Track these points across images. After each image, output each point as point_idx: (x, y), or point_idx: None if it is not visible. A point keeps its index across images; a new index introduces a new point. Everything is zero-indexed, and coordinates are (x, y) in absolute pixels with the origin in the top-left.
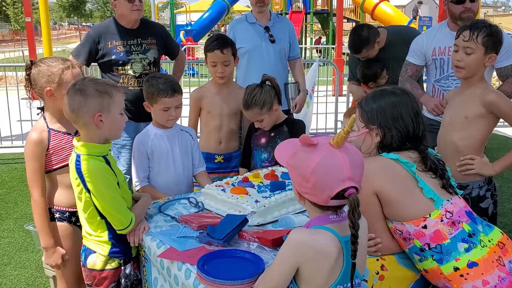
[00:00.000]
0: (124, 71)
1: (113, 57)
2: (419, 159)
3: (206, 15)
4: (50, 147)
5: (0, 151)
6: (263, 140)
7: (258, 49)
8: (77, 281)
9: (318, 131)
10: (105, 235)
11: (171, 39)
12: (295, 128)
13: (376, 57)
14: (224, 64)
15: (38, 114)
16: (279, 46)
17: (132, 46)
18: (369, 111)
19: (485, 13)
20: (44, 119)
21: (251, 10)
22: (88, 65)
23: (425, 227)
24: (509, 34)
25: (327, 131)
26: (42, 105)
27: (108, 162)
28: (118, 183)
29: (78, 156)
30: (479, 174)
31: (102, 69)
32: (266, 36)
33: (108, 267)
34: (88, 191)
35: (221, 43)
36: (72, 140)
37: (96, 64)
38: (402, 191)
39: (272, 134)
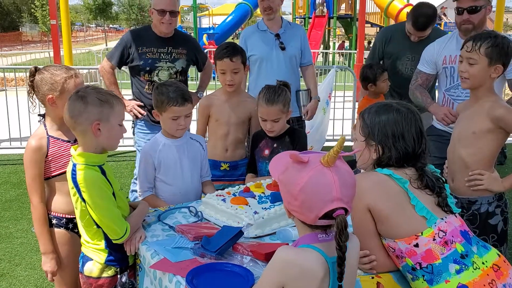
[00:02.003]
0: (150, 78)
1: (141, 62)
2: (416, 176)
3: (229, 18)
4: (49, 154)
5: (20, 151)
6: (266, 152)
7: (269, 56)
8: (74, 287)
9: (335, 137)
10: (101, 243)
11: (201, 51)
12: (296, 138)
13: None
14: (233, 72)
15: (39, 121)
16: (289, 53)
17: (162, 54)
18: (371, 126)
19: (507, 18)
20: (45, 126)
21: (262, 18)
22: (120, 67)
23: (417, 245)
24: None
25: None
26: (43, 112)
27: (103, 172)
28: (114, 193)
29: (74, 165)
30: (488, 190)
31: (131, 73)
32: (277, 43)
33: (105, 275)
34: (84, 200)
35: (231, 51)
36: (71, 147)
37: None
38: (395, 208)
39: (275, 145)
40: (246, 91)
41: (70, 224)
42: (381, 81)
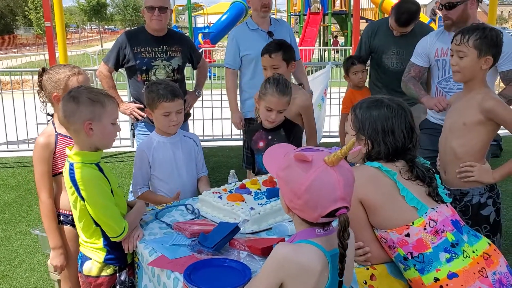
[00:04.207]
0: (147, 78)
1: (137, 62)
2: (407, 168)
3: (224, 17)
4: (56, 151)
5: (18, 154)
6: (261, 144)
7: None
8: (79, 284)
9: (332, 133)
10: (100, 242)
11: (195, 49)
12: (292, 133)
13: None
14: (273, 68)
15: (49, 121)
16: None
17: (157, 53)
18: (362, 120)
19: (509, 11)
20: (53, 124)
21: (251, 16)
22: (116, 69)
23: (408, 235)
24: (509, 32)
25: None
26: (52, 112)
27: (101, 170)
28: (112, 191)
29: (71, 164)
30: (479, 182)
31: (128, 74)
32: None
33: (104, 273)
34: (83, 199)
35: (272, 48)
36: (66, 147)
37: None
38: (386, 199)
39: (270, 137)
40: (239, 90)
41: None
42: (351, 73)
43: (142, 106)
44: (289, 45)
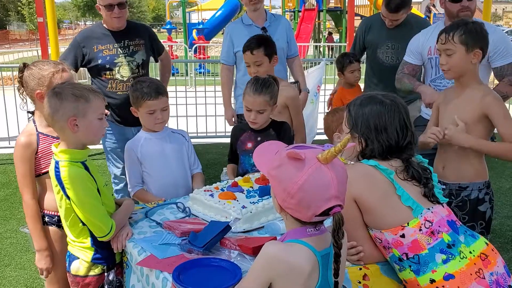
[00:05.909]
0: (111, 76)
1: (99, 61)
2: (402, 168)
3: (218, 13)
4: (39, 151)
5: (9, 151)
6: (249, 145)
7: None
8: (66, 285)
9: None
10: (87, 241)
11: (157, 39)
12: (281, 130)
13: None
14: (256, 64)
15: (29, 118)
16: (277, 47)
17: (119, 49)
18: (355, 118)
19: (503, 9)
20: (34, 122)
21: (246, 11)
22: (76, 70)
23: (403, 236)
24: (503, 29)
25: None
26: (33, 110)
27: (87, 168)
28: (98, 190)
29: (56, 162)
30: (454, 142)
31: (91, 74)
32: None
33: (92, 273)
34: (68, 198)
35: (253, 44)
36: (52, 145)
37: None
38: (380, 198)
39: (259, 139)
40: (234, 86)
41: (61, 222)
42: (348, 72)
43: (106, 103)
44: (270, 39)
